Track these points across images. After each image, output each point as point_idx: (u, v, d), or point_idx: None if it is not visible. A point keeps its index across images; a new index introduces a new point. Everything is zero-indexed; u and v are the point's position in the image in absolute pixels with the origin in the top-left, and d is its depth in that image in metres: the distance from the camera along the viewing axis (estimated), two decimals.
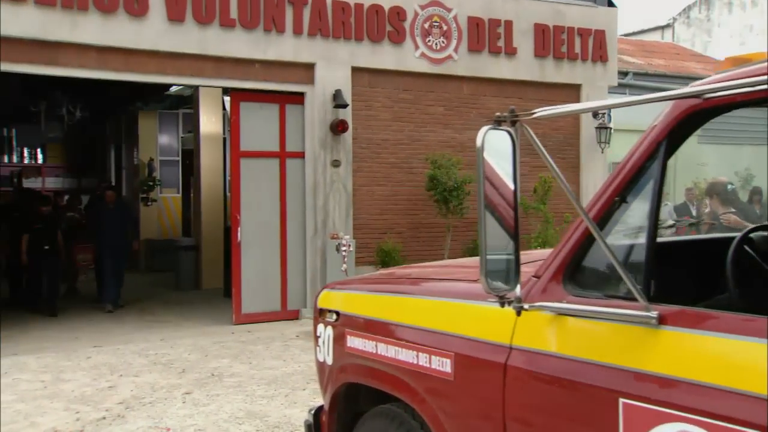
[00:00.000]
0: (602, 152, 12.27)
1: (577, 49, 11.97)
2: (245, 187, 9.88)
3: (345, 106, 10.07)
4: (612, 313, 1.91)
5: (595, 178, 12.23)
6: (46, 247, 10.22)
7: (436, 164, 10.34)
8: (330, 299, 3.30)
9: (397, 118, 10.82)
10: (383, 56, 10.54)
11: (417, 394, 2.65)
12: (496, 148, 2.05)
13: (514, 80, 11.63)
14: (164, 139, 16.75)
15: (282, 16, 9.74)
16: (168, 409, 5.73)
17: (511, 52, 11.47)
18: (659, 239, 1.93)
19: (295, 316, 9.99)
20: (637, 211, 2.01)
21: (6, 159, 18.90)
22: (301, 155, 10.20)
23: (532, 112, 1.99)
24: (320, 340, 3.28)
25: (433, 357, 2.55)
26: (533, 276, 2.25)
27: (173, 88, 14.18)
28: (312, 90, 10.13)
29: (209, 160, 13.46)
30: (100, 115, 17.50)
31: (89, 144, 19.05)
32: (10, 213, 11.08)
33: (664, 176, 1.90)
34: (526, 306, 2.08)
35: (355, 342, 3.00)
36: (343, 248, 9.92)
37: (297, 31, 9.87)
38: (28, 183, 18.19)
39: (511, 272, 2.07)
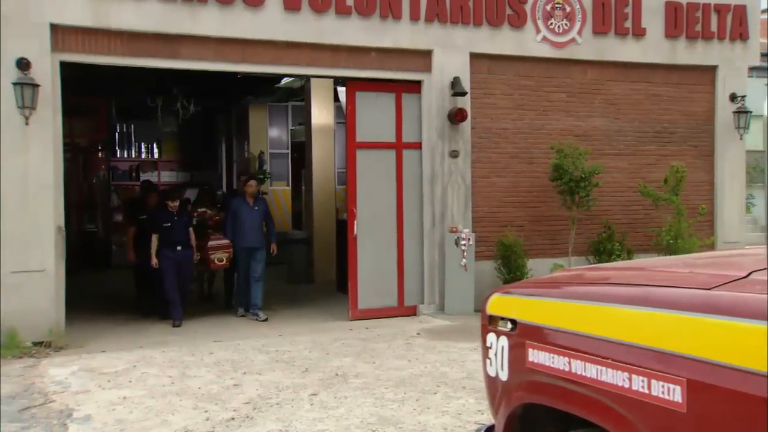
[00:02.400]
0: (741, 139, 11.29)
1: (713, 27, 11.04)
2: (361, 179, 9.61)
3: (464, 94, 9.63)
4: None
5: (732, 168, 11.29)
6: (179, 248, 9.26)
7: (562, 153, 9.73)
8: (504, 305, 2.87)
9: (517, 106, 10.28)
10: (503, 41, 10.02)
11: (628, 423, 2.21)
12: None
13: (642, 63, 10.87)
14: (274, 132, 16.83)
15: (398, 1, 9.39)
16: (296, 411, 5.49)
17: (639, 33, 10.69)
18: None
19: (412, 312, 9.67)
20: None
21: (125, 154, 19.52)
22: (418, 146, 9.84)
23: None
24: (491, 352, 2.86)
25: (653, 381, 2.10)
26: None
27: (283, 81, 14.16)
28: (429, 78, 9.75)
29: (320, 153, 13.33)
30: (212, 109, 17.77)
31: (201, 138, 19.41)
32: (138, 210, 10.08)
33: None
34: None
35: (539, 356, 2.58)
36: (463, 242, 9.54)
37: (413, 17, 9.51)
38: (145, 177, 18.69)
39: None
